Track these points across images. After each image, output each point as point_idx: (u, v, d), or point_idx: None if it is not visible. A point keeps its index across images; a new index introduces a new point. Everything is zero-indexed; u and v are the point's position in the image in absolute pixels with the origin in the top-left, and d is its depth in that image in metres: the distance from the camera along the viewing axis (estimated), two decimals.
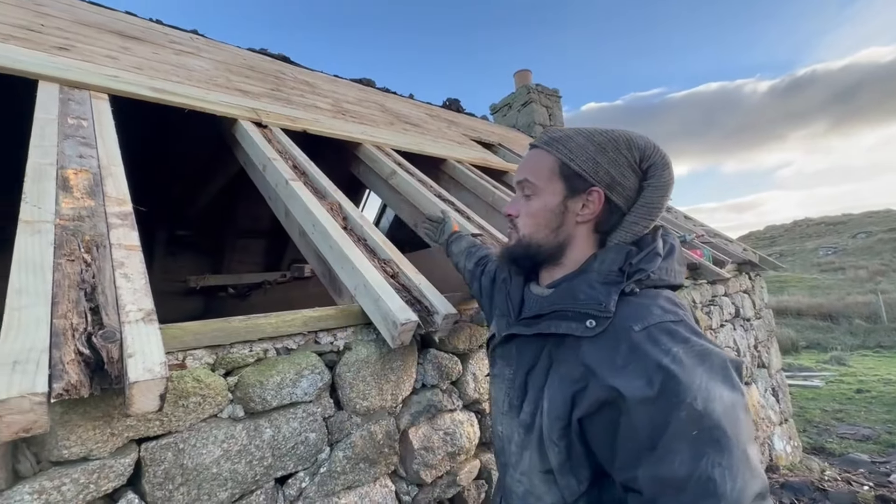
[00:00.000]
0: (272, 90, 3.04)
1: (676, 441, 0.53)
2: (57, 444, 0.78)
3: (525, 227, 0.78)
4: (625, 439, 0.58)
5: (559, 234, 0.76)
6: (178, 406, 0.92)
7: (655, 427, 0.54)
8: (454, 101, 6.20)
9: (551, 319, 0.70)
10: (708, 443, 0.52)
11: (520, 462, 0.73)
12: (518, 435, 0.73)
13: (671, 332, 0.60)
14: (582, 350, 0.64)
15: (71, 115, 1.53)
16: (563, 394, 0.64)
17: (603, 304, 0.65)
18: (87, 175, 1.23)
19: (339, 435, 1.18)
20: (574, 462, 0.64)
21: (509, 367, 0.77)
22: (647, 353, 0.58)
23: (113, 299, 0.88)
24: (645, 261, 0.69)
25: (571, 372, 0.64)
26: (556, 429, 0.64)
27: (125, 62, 2.29)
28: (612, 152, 0.72)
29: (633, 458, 0.57)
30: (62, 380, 0.69)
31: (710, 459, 0.51)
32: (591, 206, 0.73)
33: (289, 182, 1.70)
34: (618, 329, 0.62)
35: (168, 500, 0.88)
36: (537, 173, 0.77)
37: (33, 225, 0.97)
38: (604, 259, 0.71)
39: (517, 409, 0.73)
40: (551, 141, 0.76)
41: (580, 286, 0.70)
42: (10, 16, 2.26)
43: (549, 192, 0.75)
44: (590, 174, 0.72)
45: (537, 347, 0.72)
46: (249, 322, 1.10)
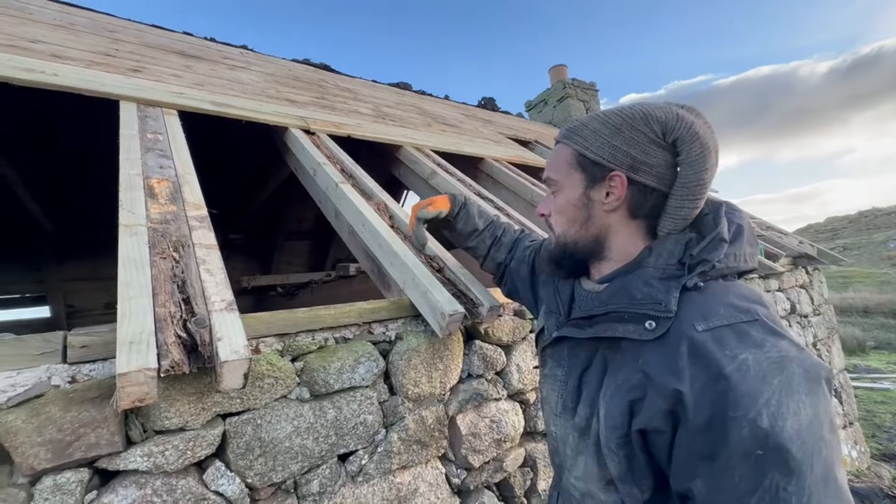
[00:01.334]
0: (317, 98, 3.21)
1: (737, 457, 0.49)
2: (160, 416, 0.90)
3: (558, 226, 0.76)
4: (682, 447, 0.54)
5: (590, 227, 0.72)
6: (254, 386, 1.03)
7: (715, 440, 0.50)
8: (489, 100, 6.23)
9: (607, 322, 0.65)
10: (774, 464, 0.47)
11: (575, 466, 0.70)
12: (573, 438, 0.70)
13: (742, 335, 0.54)
14: (642, 355, 0.59)
15: (149, 130, 1.71)
16: (620, 402, 0.60)
17: (663, 304, 0.59)
18: (168, 184, 1.39)
19: (394, 418, 1.26)
20: (636, 472, 0.60)
21: (560, 367, 0.74)
22: (710, 358, 0.53)
23: (200, 291, 1.00)
24: (708, 249, 0.62)
25: (630, 378, 0.60)
26: (613, 438, 0.61)
27: (188, 79, 2.50)
28: (627, 131, 0.66)
29: (689, 467, 0.53)
30: (168, 358, 0.81)
31: (774, 482, 0.47)
32: (615, 192, 0.68)
33: (339, 185, 1.81)
34: (680, 330, 0.57)
35: (249, 468, 0.99)
36: (557, 168, 0.74)
37: (131, 228, 1.11)
38: (661, 252, 0.66)
39: (571, 412, 0.70)
40: (568, 133, 0.73)
41: (636, 283, 0.64)
42: (89, 43, 2.53)
43: (569, 185, 0.72)
44: (607, 159, 0.67)
45: (590, 348, 0.68)
46: (311, 313, 1.21)
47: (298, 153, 2.18)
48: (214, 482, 0.95)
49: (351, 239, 1.81)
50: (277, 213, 5.05)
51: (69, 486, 0.80)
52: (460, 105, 5.75)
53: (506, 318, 1.56)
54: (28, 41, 2.17)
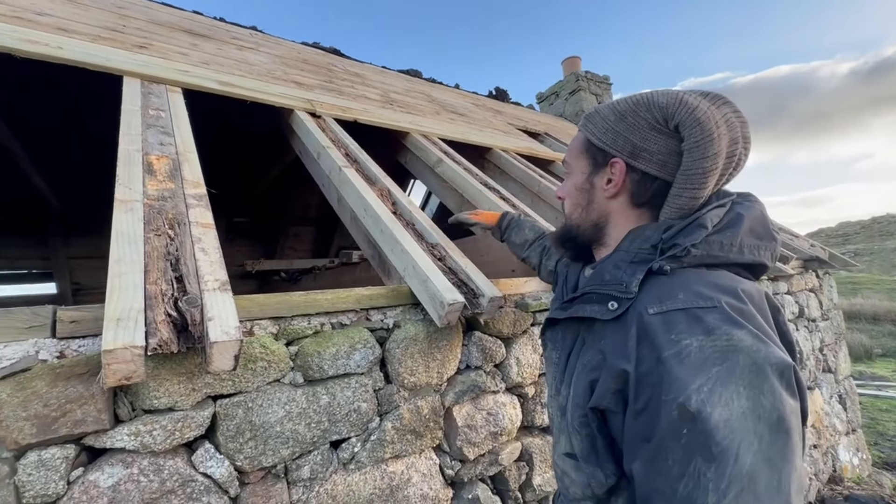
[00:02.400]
0: (325, 82, 3.16)
1: (668, 440, 0.49)
2: (149, 395, 0.89)
3: (566, 208, 0.77)
4: (627, 426, 0.55)
5: (590, 212, 0.72)
6: (247, 369, 1.01)
7: (650, 422, 0.51)
8: (500, 91, 6.14)
9: (581, 303, 0.66)
10: (698, 450, 0.47)
11: (558, 444, 0.72)
12: (557, 417, 0.72)
13: (693, 320, 0.52)
14: (604, 335, 0.61)
15: (151, 106, 1.68)
16: (583, 381, 0.62)
17: (624, 284, 0.60)
18: (168, 160, 1.36)
19: (389, 407, 1.24)
20: (598, 454, 0.60)
21: (556, 350, 0.75)
22: (654, 341, 0.53)
23: (193, 270, 0.98)
24: (682, 234, 0.60)
25: (592, 359, 0.61)
26: (576, 416, 0.62)
27: (195, 58, 2.46)
28: (630, 117, 0.65)
29: (631, 448, 0.54)
30: (156, 336, 0.79)
31: (697, 467, 0.47)
32: (614, 178, 0.68)
33: (342, 169, 1.78)
34: (635, 311, 0.57)
35: (239, 451, 0.97)
36: (570, 153, 0.76)
37: (126, 203, 1.09)
38: (636, 237, 0.65)
39: (558, 392, 0.72)
40: (584, 119, 0.75)
41: (607, 266, 0.65)
42: (96, 18, 2.50)
43: (577, 170, 0.74)
44: (609, 145, 0.67)
45: (574, 331, 0.69)
46: (308, 297, 1.18)
47: (303, 136, 2.15)
48: (203, 464, 0.93)
49: (353, 224, 1.78)
50: (283, 198, 5.04)
51: (53, 462, 0.79)
52: (470, 94, 5.68)
53: (507, 310, 1.53)
54: (34, 13, 2.15)
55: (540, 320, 1.67)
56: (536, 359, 1.61)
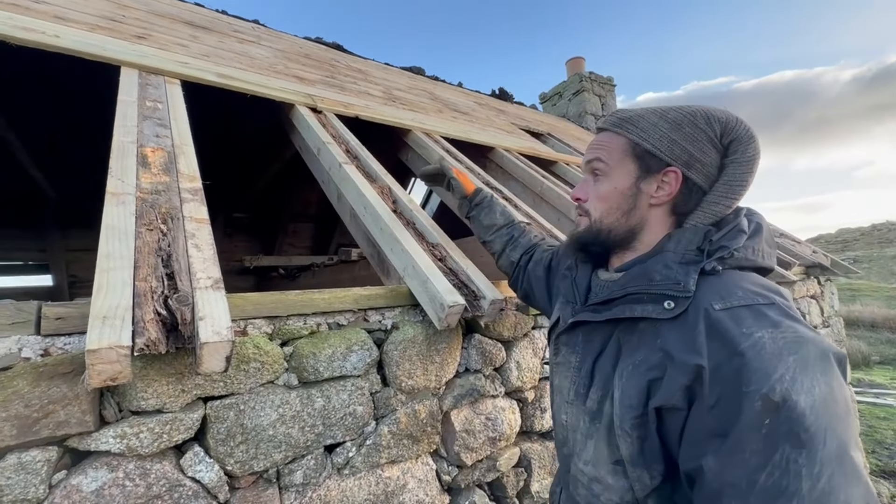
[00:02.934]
0: (327, 77, 3.13)
1: (749, 432, 0.49)
2: (136, 396, 0.85)
3: (596, 211, 0.74)
4: (695, 424, 0.54)
5: (631, 218, 0.72)
6: (239, 370, 0.98)
7: (727, 416, 0.51)
8: (503, 91, 6.10)
9: (625, 303, 0.67)
10: (785, 438, 0.47)
11: (584, 451, 0.71)
12: (583, 423, 0.71)
13: (758, 315, 0.55)
14: (661, 335, 0.61)
15: (148, 98, 1.64)
16: (637, 382, 0.61)
17: (681, 284, 0.61)
18: (163, 153, 1.33)
19: (385, 410, 1.21)
20: (647, 455, 0.61)
21: (575, 354, 0.75)
22: (727, 335, 0.54)
23: (185, 266, 0.94)
24: (727, 237, 0.65)
25: (649, 358, 0.61)
26: (628, 418, 0.61)
27: (194, 50, 2.42)
28: (688, 128, 0.67)
29: (700, 443, 0.53)
30: (143, 336, 0.75)
31: (785, 455, 0.47)
32: (666, 187, 0.69)
33: (342, 165, 1.75)
34: (698, 309, 0.58)
35: (229, 455, 0.94)
36: (609, 154, 0.73)
37: (118, 196, 1.05)
38: (679, 238, 0.67)
39: (583, 397, 0.71)
40: (620, 121, 0.72)
41: (655, 266, 0.66)
42: (95, 7, 2.46)
43: (620, 173, 0.72)
44: (665, 153, 0.68)
45: (605, 333, 0.70)
46: (304, 296, 1.15)
47: (304, 131, 2.11)
48: (192, 468, 0.90)
49: (352, 222, 1.74)
50: (283, 194, 5.00)
51: (34, 466, 0.75)
52: (473, 93, 5.64)
53: (508, 313, 1.50)
54: (32, 1, 2.11)
55: (542, 323, 1.64)
56: (537, 363, 1.58)
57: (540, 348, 1.61)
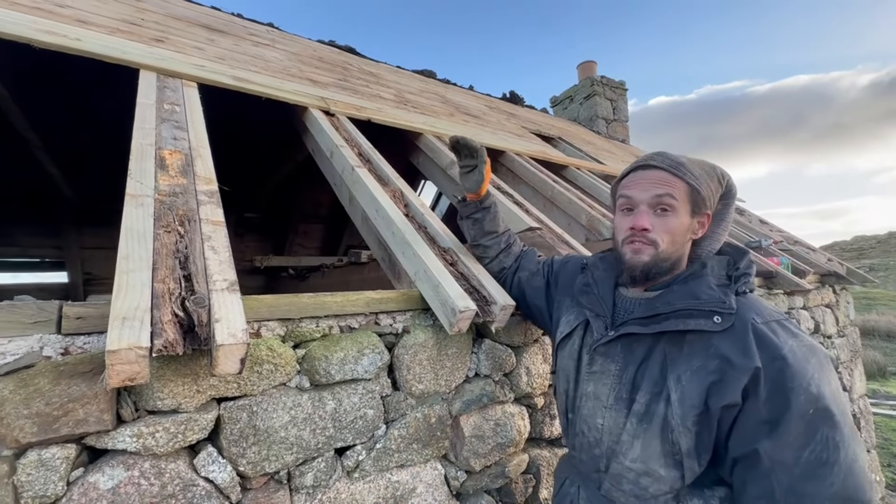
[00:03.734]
0: (339, 80, 3.15)
1: (797, 419, 0.66)
2: (153, 396, 0.87)
3: (664, 243, 0.85)
4: (748, 416, 0.71)
5: (683, 249, 0.88)
6: (252, 372, 0.99)
7: (778, 408, 0.68)
8: (514, 94, 6.10)
9: (677, 318, 0.80)
10: (823, 421, 0.66)
11: (630, 450, 0.82)
12: (631, 425, 0.82)
13: (784, 328, 0.75)
14: (713, 344, 0.76)
15: (166, 101, 1.67)
16: (699, 384, 0.75)
17: (726, 303, 0.77)
18: (181, 156, 1.35)
19: (395, 414, 1.21)
20: (700, 447, 0.75)
21: (614, 363, 0.86)
22: (770, 343, 0.72)
23: (202, 268, 0.95)
24: (745, 266, 0.85)
25: (706, 365, 0.75)
26: (690, 416, 0.75)
27: (210, 53, 2.46)
28: (716, 183, 0.87)
29: (753, 431, 0.70)
30: (161, 337, 0.77)
31: (824, 435, 0.65)
32: (702, 227, 0.88)
33: (355, 169, 1.76)
34: (744, 322, 0.75)
35: (241, 456, 0.95)
36: (678, 193, 0.85)
37: (137, 199, 1.07)
38: (713, 266, 0.85)
39: (627, 402, 0.83)
40: (678, 166, 0.85)
41: (700, 288, 0.81)
42: (115, 10, 2.51)
43: (683, 212, 0.85)
44: (707, 199, 0.85)
45: (648, 344, 0.83)
46: (317, 299, 1.16)
47: (317, 134, 2.13)
48: (205, 468, 0.91)
49: (364, 225, 1.75)
50: (294, 194, 5.04)
51: (53, 463, 0.77)
52: (484, 96, 5.64)
53: (518, 318, 1.50)
54: (55, 4, 2.16)
55: None
56: (546, 369, 1.57)
57: (550, 354, 1.60)
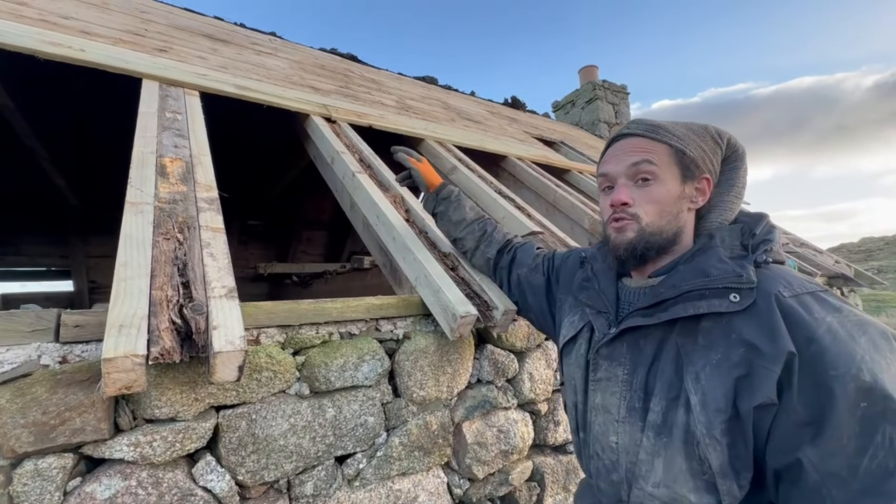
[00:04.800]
0: (341, 87, 3.17)
1: (845, 417, 0.49)
2: (150, 404, 0.86)
3: (648, 215, 0.71)
4: (785, 417, 0.54)
5: (678, 221, 0.72)
6: (251, 379, 0.98)
7: (820, 405, 0.51)
8: (515, 99, 6.11)
9: (686, 301, 0.64)
10: (881, 417, 0.48)
11: (651, 472, 0.65)
12: (647, 440, 0.65)
13: (821, 301, 0.57)
14: (734, 328, 0.59)
15: (168, 109, 1.68)
16: (722, 381, 0.57)
17: (744, 276, 0.61)
18: (181, 163, 1.35)
19: (396, 421, 1.20)
20: (736, 462, 0.57)
21: (621, 366, 0.70)
22: (802, 322, 0.55)
23: (201, 275, 0.95)
24: (765, 232, 0.68)
25: (729, 355, 0.58)
26: (717, 423, 0.57)
27: (213, 62, 2.48)
28: (710, 141, 0.73)
29: (793, 436, 0.53)
30: (158, 344, 0.76)
31: (888, 435, 0.47)
32: (703, 193, 0.73)
33: (355, 174, 1.76)
34: (768, 298, 0.58)
35: (241, 465, 0.94)
36: (658, 157, 0.71)
37: (137, 206, 1.07)
38: (724, 236, 0.70)
39: (641, 412, 0.67)
40: (654, 129, 0.73)
41: (709, 262, 0.66)
42: (119, 22, 2.54)
43: (669, 178, 0.71)
44: (699, 161, 0.72)
45: (657, 338, 0.67)
46: (317, 305, 1.15)
47: (318, 141, 2.14)
48: (203, 477, 0.90)
49: (365, 231, 1.75)
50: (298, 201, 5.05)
51: (50, 472, 0.76)
52: (486, 102, 5.66)
53: (521, 324, 1.48)
54: (60, 17, 2.19)
55: None
56: (550, 374, 1.55)
57: (553, 359, 1.58)
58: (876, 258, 30.52)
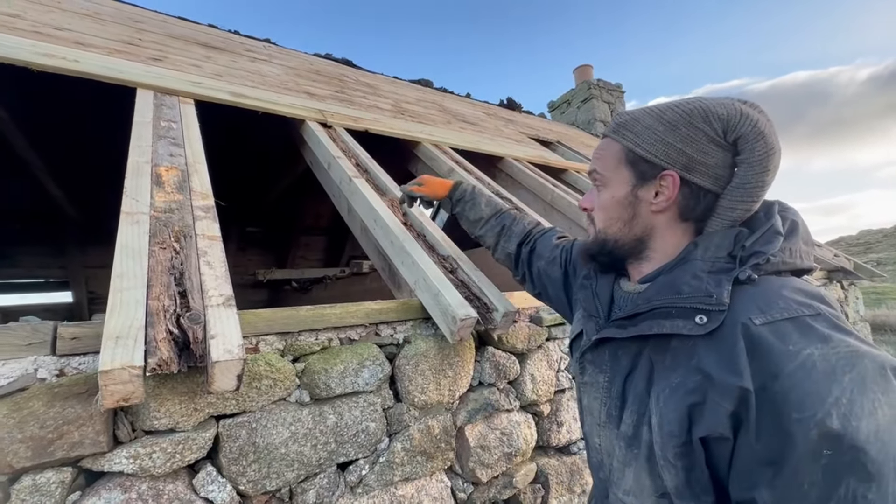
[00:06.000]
0: (336, 92, 3.17)
1: (806, 463, 0.44)
2: (149, 415, 0.85)
3: (599, 221, 0.71)
4: (743, 453, 0.50)
5: (634, 227, 0.67)
6: (251, 387, 0.97)
7: (778, 445, 0.46)
8: (511, 101, 6.12)
9: (653, 318, 0.60)
10: (849, 469, 0.43)
11: (623, 479, 0.65)
12: (619, 449, 0.65)
13: (805, 329, 0.49)
14: (697, 353, 0.55)
15: (163, 118, 1.68)
16: (676, 406, 0.55)
17: (714, 296, 0.55)
18: (177, 172, 1.35)
19: (398, 426, 1.19)
20: (695, 486, 0.55)
21: (602, 373, 0.69)
22: (771, 354, 0.48)
23: (198, 284, 0.95)
24: (761, 242, 0.58)
25: (686, 381, 0.55)
26: (670, 447, 0.55)
27: (208, 70, 2.48)
28: (684, 128, 0.61)
29: (750, 474, 0.49)
30: (155, 355, 0.75)
31: (851, 490, 0.42)
32: (665, 192, 0.63)
33: (352, 179, 1.76)
34: (735, 324, 0.52)
35: (242, 474, 0.93)
36: (604, 163, 0.69)
37: (132, 216, 1.07)
38: (708, 245, 0.62)
39: (616, 420, 0.66)
40: (617, 127, 0.69)
41: (682, 277, 0.60)
42: (113, 32, 2.54)
43: (616, 181, 0.67)
44: (660, 157, 0.63)
45: (633, 351, 0.64)
46: (316, 311, 1.14)
47: (314, 146, 2.14)
48: (204, 488, 0.89)
49: (363, 235, 1.75)
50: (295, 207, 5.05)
51: (48, 488, 0.75)
52: (481, 103, 5.67)
53: (521, 325, 1.48)
54: (53, 28, 2.19)
55: (556, 335, 1.61)
56: (552, 375, 1.55)
57: (555, 360, 1.58)
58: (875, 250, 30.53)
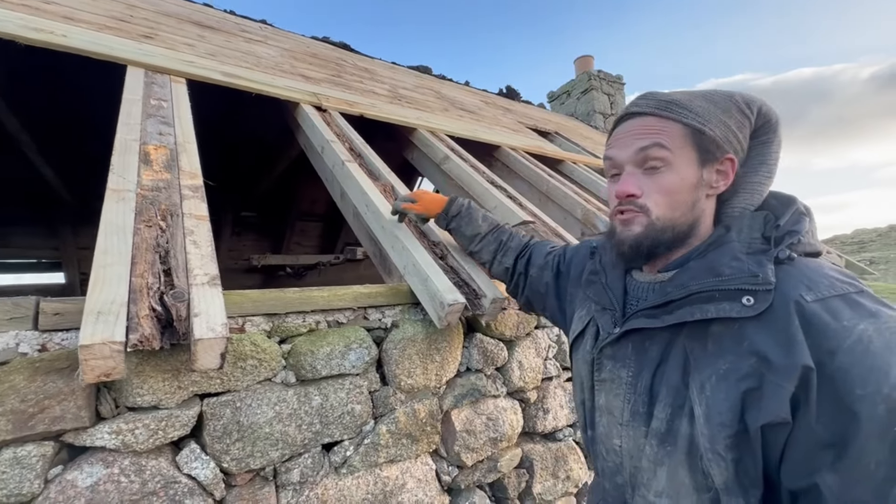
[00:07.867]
0: (333, 76, 3.13)
1: (873, 441, 0.43)
2: (132, 392, 0.85)
3: (659, 207, 0.63)
4: (802, 436, 0.48)
5: (695, 211, 0.64)
6: (236, 367, 0.97)
7: (842, 426, 0.45)
8: (510, 89, 6.07)
9: (692, 304, 0.58)
10: None
11: (653, 481, 0.61)
12: (650, 448, 0.62)
13: (854, 305, 0.49)
14: (746, 336, 0.53)
15: (153, 96, 1.65)
16: (729, 394, 0.53)
17: (759, 276, 0.54)
18: (165, 151, 1.33)
19: (384, 409, 1.20)
20: (744, 479, 0.53)
21: (626, 368, 0.66)
22: (827, 330, 0.48)
23: (183, 263, 0.94)
24: (792, 221, 0.59)
25: (737, 366, 0.53)
26: (721, 438, 0.53)
27: (201, 49, 2.44)
28: (736, 114, 0.62)
29: (811, 458, 0.48)
30: (137, 332, 0.75)
31: None
32: (724, 177, 0.63)
33: (345, 163, 1.74)
34: (787, 302, 0.51)
35: (225, 453, 0.94)
36: (671, 140, 0.62)
37: (119, 193, 1.06)
38: (741, 227, 0.61)
39: (645, 417, 0.63)
40: (669, 105, 0.63)
41: (721, 259, 0.59)
42: (104, 7, 2.49)
43: (682, 163, 0.62)
44: (722, 139, 0.62)
45: (664, 341, 0.62)
46: (303, 294, 1.14)
47: (308, 130, 2.12)
48: (187, 465, 0.90)
49: (355, 220, 1.74)
50: (291, 193, 5.02)
51: (29, 461, 0.76)
52: (480, 92, 5.62)
53: (510, 312, 1.48)
54: (42, 2, 2.14)
55: (545, 323, 1.62)
56: (540, 363, 1.56)
57: (543, 348, 1.59)
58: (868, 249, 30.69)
